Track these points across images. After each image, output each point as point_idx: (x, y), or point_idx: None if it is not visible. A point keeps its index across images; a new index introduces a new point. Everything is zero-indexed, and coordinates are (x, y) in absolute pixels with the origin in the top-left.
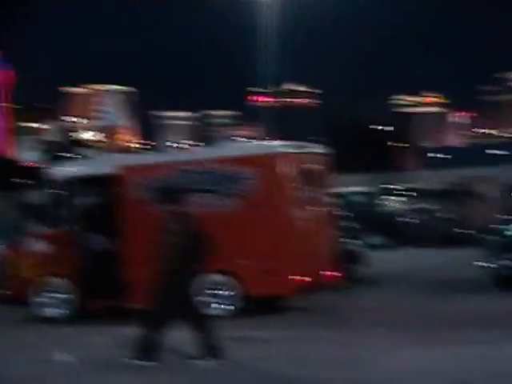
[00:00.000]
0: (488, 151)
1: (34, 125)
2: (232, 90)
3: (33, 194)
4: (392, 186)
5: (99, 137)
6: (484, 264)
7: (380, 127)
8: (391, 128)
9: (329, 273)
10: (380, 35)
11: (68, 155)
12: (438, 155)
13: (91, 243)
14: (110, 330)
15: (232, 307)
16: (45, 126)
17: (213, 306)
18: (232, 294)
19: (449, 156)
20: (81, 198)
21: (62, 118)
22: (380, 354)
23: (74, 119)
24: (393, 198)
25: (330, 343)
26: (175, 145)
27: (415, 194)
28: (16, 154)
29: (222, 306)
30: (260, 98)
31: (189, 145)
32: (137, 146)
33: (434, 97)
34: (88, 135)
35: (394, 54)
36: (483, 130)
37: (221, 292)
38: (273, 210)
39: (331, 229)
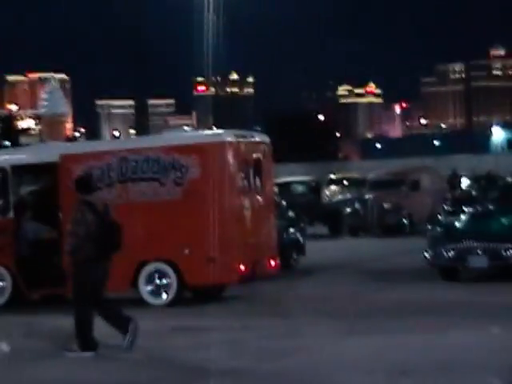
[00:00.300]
0: (427, 142)
1: None
2: (172, 78)
3: None
4: (333, 176)
5: (39, 125)
6: (427, 254)
7: (320, 116)
8: (331, 117)
9: (270, 261)
10: (323, 25)
11: (6, 143)
12: (378, 145)
13: (30, 231)
14: (49, 319)
15: (172, 296)
16: None
17: (153, 294)
18: (172, 282)
19: (389, 146)
20: (19, 186)
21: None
22: (320, 343)
23: (13, 107)
24: (333, 187)
25: (270, 332)
26: (116, 133)
27: (356, 183)
28: None
29: (163, 295)
30: (199, 87)
31: (129, 133)
32: (76, 134)
33: (375, 87)
34: (28, 123)
35: (336, 43)
36: (423, 121)
37: (161, 281)
38: (215, 199)
39: (273, 218)
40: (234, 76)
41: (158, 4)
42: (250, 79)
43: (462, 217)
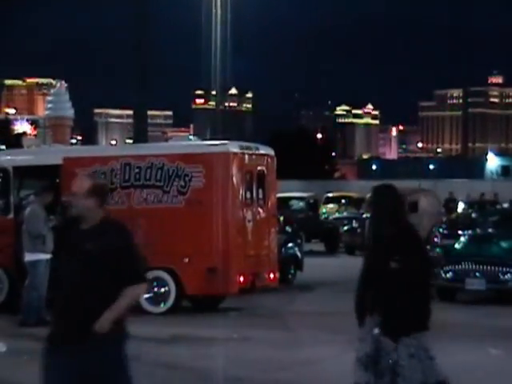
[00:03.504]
0: (423, 165)
1: None
2: (170, 90)
3: None
4: (330, 194)
5: (36, 129)
6: None
7: (318, 135)
8: (328, 136)
9: (269, 274)
10: (324, 45)
11: (2, 147)
12: (374, 166)
13: None
14: None
15: (170, 304)
16: None
17: (151, 302)
18: (171, 291)
19: (384, 167)
20: (21, 187)
21: None
22: (320, 355)
23: (11, 110)
24: (331, 205)
25: (269, 344)
26: (113, 142)
27: (353, 202)
28: None
29: (161, 304)
30: (198, 100)
31: (126, 143)
32: (73, 141)
33: (373, 109)
34: (24, 127)
35: (337, 63)
36: (419, 145)
37: (160, 289)
38: (217, 209)
39: (274, 231)
40: (233, 91)
41: (161, 16)
42: (249, 95)
43: (462, 239)
